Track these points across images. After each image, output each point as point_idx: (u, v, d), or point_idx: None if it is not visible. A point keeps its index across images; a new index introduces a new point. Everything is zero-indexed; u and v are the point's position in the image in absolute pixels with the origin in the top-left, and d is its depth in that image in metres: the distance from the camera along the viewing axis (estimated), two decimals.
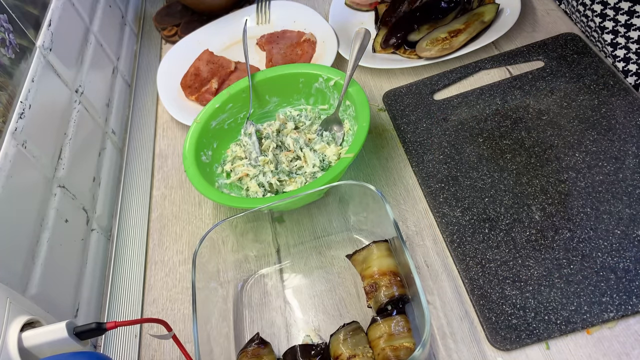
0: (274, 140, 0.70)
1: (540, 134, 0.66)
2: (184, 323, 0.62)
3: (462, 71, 0.77)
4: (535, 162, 0.63)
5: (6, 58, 0.60)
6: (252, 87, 0.75)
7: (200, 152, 0.70)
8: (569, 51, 0.74)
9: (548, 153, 0.64)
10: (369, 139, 0.74)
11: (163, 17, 1.04)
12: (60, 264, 0.60)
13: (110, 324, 0.46)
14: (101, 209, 0.74)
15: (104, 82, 0.85)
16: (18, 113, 0.59)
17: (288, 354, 0.54)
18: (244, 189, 0.69)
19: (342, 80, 0.70)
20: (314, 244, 0.64)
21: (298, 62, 0.84)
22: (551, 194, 0.60)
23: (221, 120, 0.74)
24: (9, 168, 0.55)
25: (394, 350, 0.49)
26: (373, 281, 0.54)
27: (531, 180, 0.62)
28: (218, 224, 0.57)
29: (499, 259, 0.57)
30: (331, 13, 0.91)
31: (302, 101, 0.76)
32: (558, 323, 0.51)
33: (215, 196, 0.62)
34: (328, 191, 0.61)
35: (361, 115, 0.64)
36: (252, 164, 0.69)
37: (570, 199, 0.59)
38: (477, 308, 0.54)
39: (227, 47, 0.95)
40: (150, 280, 0.68)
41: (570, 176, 0.61)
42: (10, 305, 0.48)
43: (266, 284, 0.62)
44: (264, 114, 0.77)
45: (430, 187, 0.65)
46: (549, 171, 0.62)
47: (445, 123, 0.71)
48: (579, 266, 0.54)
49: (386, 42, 0.81)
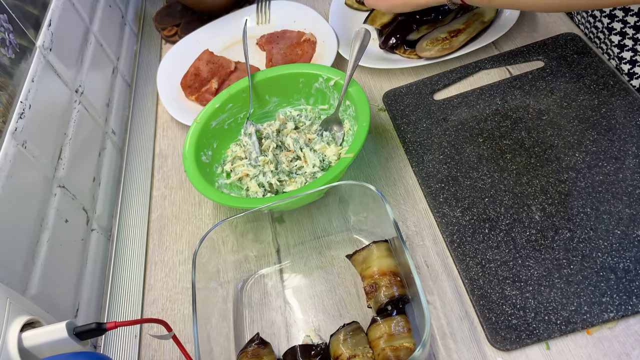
0: (273, 140, 0.70)
1: (540, 134, 0.66)
2: (184, 323, 0.62)
3: (462, 71, 0.77)
4: (535, 162, 0.63)
5: (6, 58, 0.60)
6: (252, 87, 0.75)
7: (200, 152, 0.70)
8: (569, 51, 0.74)
9: (548, 153, 0.64)
10: (369, 139, 0.74)
11: (163, 17, 1.04)
12: (60, 264, 0.60)
13: (110, 324, 0.46)
14: (101, 209, 0.74)
15: (104, 82, 0.85)
16: (18, 113, 0.59)
17: (288, 354, 0.54)
18: (244, 189, 0.69)
19: (342, 80, 0.70)
20: (314, 244, 0.64)
21: (298, 62, 0.84)
22: (551, 194, 0.60)
23: (221, 120, 0.74)
24: (9, 168, 0.55)
25: (394, 351, 0.49)
26: (373, 281, 0.54)
27: (531, 180, 0.62)
28: (218, 224, 0.57)
29: (499, 259, 0.57)
30: (331, 13, 0.91)
31: (302, 101, 0.76)
32: (558, 323, 0.51)
33: (215, 196, 0.62)
34: (328, 191, 0.61)
35: (361, 115, 0.64)
36: (252, 164, 0.69)
37: (570, 199, 0.59)
38: (477, 308, 0.54)
39: (227, 47, 0.95)
40: (150, 280, 0.68)
41: (570, 176, 0.61)
42: (10, 305, 0.48)
43: (266, 284, 0.62)
44: (264, 114, 0.77)
45: (430, 187, 0.65)
46: (549, 171, 0.62)
47: (445, 123, 0.71)
48: (579, 266, 0.54)
49: (386, 42, 0.81)
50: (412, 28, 0.80)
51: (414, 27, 0.80)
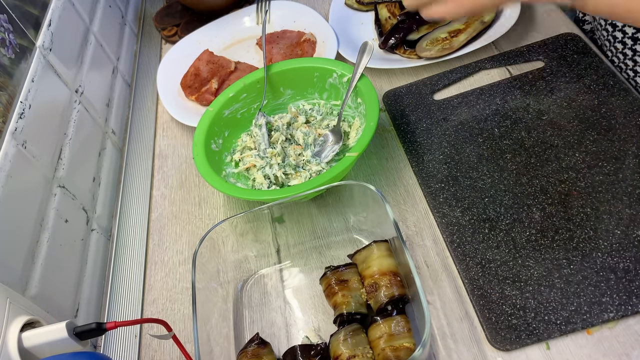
0: (283, 133, 0.70)
1: (540, 134, 0.66)
2: (184, 323, 0.62)
3: (462, 71, 0.77)
4: (535, 162, 0.63)
5: (6, 58, 0.60)
6: (267, 79, 0.75)
7: (210, 140, 0.71)
8: (569, 51, 0.74)
9: (548, 153, 0.64)
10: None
11: (163, 17, 1.04)
12: (60, 264, 0.60)
13: (110, 324, 0.46)
14: (101, 209, 0.74)
15: (104, 82, 0.85)
16: (18, 113, 0.59)
17: (288, 354, 0.54)
18: (250, 179, 0.70)
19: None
20: (314, 244, 0.64)
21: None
22: (551, 194, 0.60)
23: (234, 110, 0.75)
24: (9, 168, 0.55)
25: (394, 351, 0.49)
26: (373, 281, 0.54)
27: (531, 180, 0.62)
28: (218, 224, 0.57)
29: (499, 259, 0.57)
30: (331, 13, 0.91)
31: (315, 95, 0.77)
32: (558, 323, 0.51)
33: (217, 184, 0.63)
34: (328, 191, 0.61)
35: (370, 114, 0.64)
36: (260, 155, 0.69)
37: (570, 199, 0.59)
38: (477, 308, 0.54)
39: (227, 47, 0.95)
40: (150, 280, 0.68)
41: (570, 176, 0.61)
42: (10, 305, 0.48)
43: (266, 284, 0.62)
44: (277, 106, 0.78)
45: (430, 187, 0.65)
46: (549, 171, 0.62)
47: (445, 123, 0.71)
48: (579, 266, 0.54)
49: (385, 42, 0.81)
50: (412, 28, 0.80)
51: (414, 27, 0.80)
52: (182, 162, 0.80)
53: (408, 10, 0.72)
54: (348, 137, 0.71)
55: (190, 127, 0.84)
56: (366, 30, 0.89)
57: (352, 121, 0.72)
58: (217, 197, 0.74)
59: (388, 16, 0.86)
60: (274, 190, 0.61)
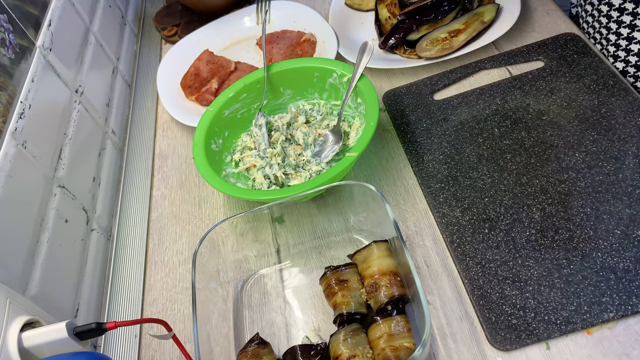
0: (283, 133, 0.70)
1: (540, 134, 0.66)
2: (184, 323, 0.62)
3: (462, 71, 0.77)
4: (535, 162, 0.63)
5: (6, 58, 0.60)
6: (267, 79, 0.75)
7: (210, 140, 0.71)
8: (569, 51, 0.74)
9: (548, 153, 0.64)
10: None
11: (163, 17, 1.04)
12: (60, 264, 0.61)
13: (110, 324, 0.46)
14: (101, 209, 0.74)
15: (104, 82, 0.85)
16: (18, 113, 0.59)
17: (288, 354, 0.54)
18: (250, 179, 0.70)
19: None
20: (314, 244, 0.64)
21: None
22: (551, 194, 0.60)
23: (234, 110, 0.75)
24: (9, 168, 0.55)
25: (394, 351, 0.49)
26: (373, 281, 0.54)
27: (531, 180, 0.62)
28: (218, 224, 0.57)
29: (499, 259, 0.57)
30: (331, 13, 0.91)
31: (315, 95, 0.77)
32: (558, 323, 0.51)
33: (217, 184, 0.63)
34: (328, 191, 0.61)
35: (370, 114, 0.64)
36: (260, 155, 0.69)
37: (570, 199, 0.59)
38: (477, 308, 0.54)
39: (227, 47, 0.95)
40: (150, 280, 0.68)
41: (570, 176, 0.61)
42: (10, 305, 0.48)
43: (266, 284, 0.62)
44: (277, 106, 0.78)
45: (430, 187, 0.65)
46: (549, 171, 0.62)
47: (445, 123, 0.71)
48: (579, 266, 0.54)
49: (385, 42, 0.81)
50: (412, 28, 0.80)
51: (414, 27, 0.80)
52: (182, 162, 0.80)
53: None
54: (348, 137, 0.71)
55: (190, 127, 0.84)
56: (366, 30, 0.89)
57: (352, 121, 0.72)
58: (217, 197, 0.74)
59: (388, 16, 0.86)
60: (274, 190, 0.61)
